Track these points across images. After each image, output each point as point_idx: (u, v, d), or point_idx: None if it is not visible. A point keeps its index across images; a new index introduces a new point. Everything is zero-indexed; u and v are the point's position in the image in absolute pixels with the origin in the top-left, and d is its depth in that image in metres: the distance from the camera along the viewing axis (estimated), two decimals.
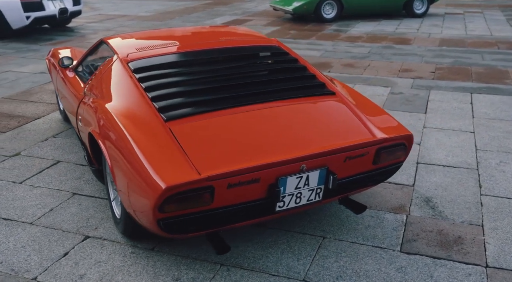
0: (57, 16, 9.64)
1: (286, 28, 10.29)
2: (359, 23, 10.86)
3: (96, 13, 12.95)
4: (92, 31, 10.23)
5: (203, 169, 2.33)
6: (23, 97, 5.75)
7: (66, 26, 10.88)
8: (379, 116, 2.93)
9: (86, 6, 14.34)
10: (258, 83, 3.01)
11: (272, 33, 9.68)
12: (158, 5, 14.50)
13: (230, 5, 14.50)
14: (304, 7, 10.66)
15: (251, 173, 2.37)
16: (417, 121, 4.82)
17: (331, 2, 10.81)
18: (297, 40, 8.91)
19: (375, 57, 7.53)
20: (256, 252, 2.83)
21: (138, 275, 2.64)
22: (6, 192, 3.53)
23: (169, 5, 14.59)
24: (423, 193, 3.46)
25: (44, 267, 2.72)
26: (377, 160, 2.74)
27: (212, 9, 13.58)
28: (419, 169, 3.83)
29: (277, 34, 9.52)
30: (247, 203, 2.47)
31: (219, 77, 3.03)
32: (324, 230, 3.03)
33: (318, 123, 2.73)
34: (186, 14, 12.61)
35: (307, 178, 2.54)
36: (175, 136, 2.52)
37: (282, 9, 11.06)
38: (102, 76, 3.22)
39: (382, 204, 3.32)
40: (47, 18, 9.57)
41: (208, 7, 13.93)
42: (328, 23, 10.89)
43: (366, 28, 10.14)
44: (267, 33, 9.63)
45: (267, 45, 3.47)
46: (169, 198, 2.26)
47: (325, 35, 9.39)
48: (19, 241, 2.96)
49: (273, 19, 11.61)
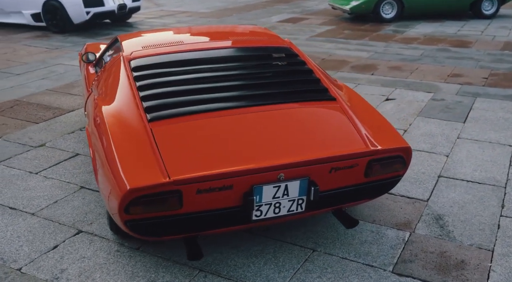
0: (115, 12, 9.96)
1: (340, 27, 10.03)
2: (420, 23, 10.38)
3: (158, 9, 13.27)
4: (149, 26, 10.49)
5: (174, 172, 2.27)
6: (65, 90, 5.97)
7: (126, 21, 11.22)
8: (379, 126, 2.73)
9: (150, 2, 14.74)
10: (256, 85, 2.91)
11: (325, 32, 9.47)
12: (220, 2, 14.63)
13: (291, 3, 14.36)
14: (362, 6, 10.34)
15: (222, 179, 2.29)
16: (452, 131, 4.50)
17: (391, 1, 10.41)
18: (348, 40, 8.65)
19: (426, 60, 7.15)
20: (239, 260, 2.73)
21: (116, 274, 2.64)
22: (20, 181, 3.66)
23: (231, 2, 14.68)
24: (436, 210, 3.21)
25: (31, 259, 2.78)
26: (370, 172, 2.56)
27: (272, 7, 13.51)
28: (439, 182, 3.56)
29: (330, 34, 9.29)
30: (220, 210, 2.39)
31: (217, 78, 2.96)
32: (317, 242, 2.88)
33: (308, 130, 2.59)
34: (245, 11, 12.63)
35: (286, 188, 2.42)
36: (154, 138, 2.48)
37: (340, 8, 10.79)
38: (106, 74, 3.25)
39: (387, 218, 3.11)
40: (106, 13, 9.90)
41: (268, 5, 13.87)
42: (386, 23, 10.50)
43: (425, 29, 9.67)
44: (320, 33, 9.43)
45: (276, 46, 3.35)
46: (135, 200, 2.22)
47: (380, 36, 9.05)
48: (16, 230, 3.05)
49: (331, 18, 11.36)
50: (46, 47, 8.48)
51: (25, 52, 8.13)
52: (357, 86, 5.89)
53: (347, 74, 6.46)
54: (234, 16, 11.86)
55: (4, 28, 10.49)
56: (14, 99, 5.63)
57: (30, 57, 7.73)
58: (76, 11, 9.51)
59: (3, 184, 3.63)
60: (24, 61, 7.48)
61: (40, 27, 10.46)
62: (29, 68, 7.06)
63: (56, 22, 9.76)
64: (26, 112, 5.19)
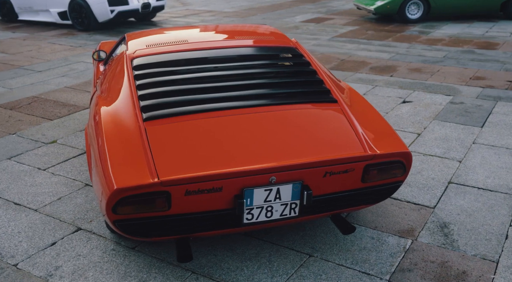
0: (139, 11, 10.06)
1: (364, 28, 9.88)
2: (447, 24, 10.13)
3: (184, 8, 13.34)
4: (172, 25, 10.54)
5: (163, 173, 2.25)
6: (83, 88, 6.04)
7: (151, 20, 11.32)
8: (379, 130, 2.65)
9: (177, 1, 14.84)
10: (257, 85, 2.87)
11: (348, 33, 9.34)
12: (246, 2, 14.62)
13: (317, 3, 14.24)
14: (387, 6, 10.16)
15: (211, 181, 2.25)
16: (468, 135, 4.36)
17: (417, 1, 10.19)
18: (370, 41, 8.51)
19: (449, 62, 6.97)
20: (233, 263, 2.70)
21: (108, 273, 2.63)
22: (27, 177, 3.71)
23: (257, 1, 14.65)
24: (442, 217, 3.10)
25: (28, 255, 2.80)
26: (367, 177, 2.49)
27: (297, 6, 13.42)
28: (448, 189, 3.45)
29: (352, 34, 9.16)
30: (210, 213, 2.35)
31: (218, 77, 2.93)
32: (314, 247, 2.82)
33: (305, 133, 2.53)
34: (270, 11, 12.58)
35: (278, 192, 2.36)
36: (148, 137, 2.46)
37: (364, 8, 10.64)
38: (109, 72, 3.26)
39: (390, 225, 3.03)
40: (131, 12, 10.01)
41: (294, 5, 13.79)
42: (412, 24, 10.29)
43: (452, 30, 9.44)
44: (343, 33, 9.31)
45: (281, 46, 3.30)
46: (122, 200, 2.21)
47: (403, 37, 8.87)
48: (17, 226, 3.08)
49: (355, 18, 11.20)
50: (70, 45, 8.62)
51: (49, 50, 8.27)
52: (374, 88, 5.77)
53: (365, 75, 6.34)
54: (258, 15, 11.83)
55: (33, 26, 10.71)
56: (32, 96, 5.73)
57: (53, 55, 7.86)
58: (101, 9, 9.64)
59: (11, 179, 3.68)
60: (47, 59, 7.61)
61: (66, 25, 10.65)
62: (51, 65, 7.18)
63: (81, 20, 9.92)
64: (43, 109, 5.27)
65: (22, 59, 7.60)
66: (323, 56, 7.42)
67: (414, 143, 4.23)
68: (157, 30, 3.77)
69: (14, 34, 9.85)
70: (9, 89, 6.01)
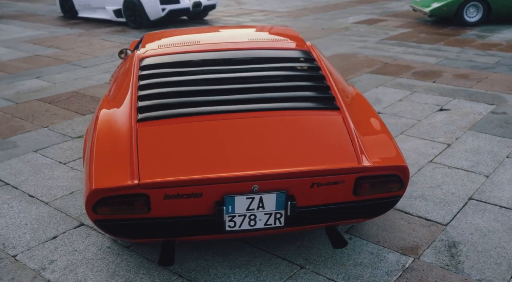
0: (190, 9, 10.20)
1: (417, 30, 9.50)
2: (509, 28, 9.56)
3: (238, 7, 13.41)
4: (222, 24, 10.61)
5: (145, 175, 2.24)
6: None
7: (203, 19, 11.45)
8: (379, 142, 2.51)
9: (233, 0, 14.93)
10: (259, 89, 2.80)
11: (399, 35, 9.02)
12: (302, 2, 14.49)
13: (375, 3, 13.87)
14: (444, 8, 9.72)
15: (190, 186, 2.22)
16: (502, 149, 4.07)
17: (476, 3, 9.68)
18: (420, 45, 8.17)
19: (500, 69, 6.56)
20: (221, 269, 2.65)
21: (98, 271, 2.66)
22: (47, 170, 3.84)
23: (313, 2, 14.48)
24: (453, 236, 2.90)
25: (28, 247, 2.89)
26: (359, 190, 2.37)
27: (352, 7, 13.14)
28: (467, 205, 3.23)
29: (403, 37, 8.84)
30: (190, 218, 2.32)
31: (222, 80, 2.89)
32: (308, 259, 2.72)
33: (297, 140, 2.44)
34: (323, 11, 12.39)
35: (261, 200, 2.29)
36: (137, 138, 2.46)
37: (420, 10, 10.24)
38: (120, 71, 3.30)
39: (394, 240, 2.87)
40: (181, 10, 10.17)
41: (349, 5, 13.51)
42: (469, 27, 9.79)
43: None
44: (393, 35, 9.00)
45: (294, 50, 3.21)
46: (102, 200, 2.22)
47: (457, 41, 8.45)
48: (26, 218, 3.18)
49: (410, 20, 10.81)
50: (119, 42, 8.87)
51: (99, 46, 8.56)
52: (412, 94, 5.53)
53: (406, 80, 6.09)
54: (310, 16, 11.68)
55: (90, 23, 11.13)
56: (72, 91, 5.93)
57: (102, 51, 8.12)
58: (152, 7, 9.86)
59: (32, 171, 3.82)
60: (95, 55, 7.87)
61: (121, 23, 10.97)
62: (97, 61, 7.42)
63: (134, 18, 10.19)
64: (79, 103, 5.45)
65: (72, 55, 7.90)
66: (366, 59, 7.20)
67: (442, 154, 4.00)
68: (177, 30, 3.79)
69: (71, 30, 10.27)
70: (52, 84, 6.26)
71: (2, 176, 3.77)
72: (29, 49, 8.44)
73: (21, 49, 8.50)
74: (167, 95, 2.75)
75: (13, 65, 7.34)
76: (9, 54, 8.09)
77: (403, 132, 4.45)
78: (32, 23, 11.30)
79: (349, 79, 6.21)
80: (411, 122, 4.70)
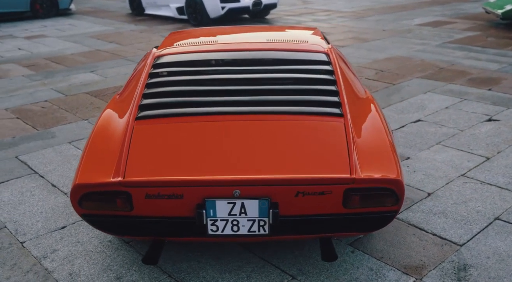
0: (250, 8, 10.22)
1: (485, 34, 8.94)
2: None
3: (303, 7, 13.28)
4: (282, 23, 10.55)
5: (130, 173, 2.25)
6: None
7: (265, 17, 11.44)
8: (378, 153, 2.36)
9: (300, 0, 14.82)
10: (264, 91, 2.74)
11: (464, 39, 8.53)
12: (369, 2, 14.11)
13: (448, 4, 13.23)
14: None
15: (170, 187, 2.19)
16: None
17: None
18: (484, 49, 7.68)
19: None
20: (212, 273, 2.61)
21: (93, 264, 2.71)
22: (75, 162, 3.98)
23: (381, 2, 14.06)
24: (466, 258, 2.69)
25: (37, 235, 3.00)
26: (349, 203, 2.24)
27: (422, 8, 12.61)
28: (491, 226, 2.98)
29: (467, 41, 8.35)
30: (172, 219, 2.30)
31: (229, 81, 2.85)
32: (302, 269, 2.62)
33: (289, 147, 2.35)
34: (389, 12, 11.99)
35: (243, 206, 2.23)
36: (132, 136, 2.47)
37: (492, 12, 9.63)
38: (136, 68, 3.34)
39: (399, 257, 2.70)
40: (241, 9, 10.22)
41: (419, 6, 12.98)
42: None
43: None
44: (457, 39, 8.53)
45: (311, 52, 3.10)
46: (86, 195, 2.25)
47: None
48: (43, 206, 3.31)
49: (480, 23, 10.20)
50: None
51: (158, 43, 8.78)
52: (461, 102, 5.20)
53: (458, 87, 5.74)
54: (374, 16, 11.34)
55: (155, 20, 11.47)
56: (120, 85, 6.12)
57: None
58: (212, 5, 9.98)
59: (61, 162, 3.97)
60: None
61: (183, 20, 11.21)
62: None
63: (195, 16, 10.37)
64: None
65: (129, 51, 8.17)
66: (421, 63, 6.87)
67: (477, 167, 3.72)
68: (201, 29, 3.79)
69: (135, 26, 10.63)
70: (103, 78, 6.50)
71: (33, 164, 3.95)
72: (92, 44, 8.82)
73: (84, 43, 8.90)
74: (171, 94, 2.75)
75: (74, 59, 7.70)
76: (73, 48, 8.50)
77: (440, 143, 4.19)
78: (102, 19, 11.82)
79: (398, 83, 5.95)
80: (452, 132, 4.42)
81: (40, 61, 7.58)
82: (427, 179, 3.57)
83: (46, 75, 6.73)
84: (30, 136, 4.54)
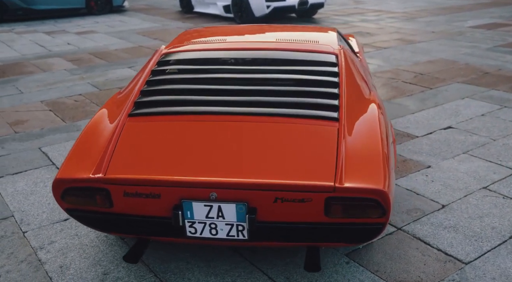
0: (296, 7, 10.11)
1: None
2: None
3: (353, 7, 13.00)
4: (328, 23, 10.37)
5: (112, 170, 2.24)
6: None
7: (312, 17, 11.29)
8: (368, 162, 2.22)
9: None
10: (261, 92, 2.67)
11: (507, 44, 8.06)
12: (424, 2, 13.62)
13: (507, 6, 12.55)
14: None
15: (147, 186, 2.17)
16: None
17: None
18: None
19: None
20: (198, 275, 2.57)
21: (85, 257, 2.73)
22: None
23: (436, 3, 13.53)
24: (469, 278, 2.50)
25: (39, 225, 3.06)
26: (331, 212, 2.13)
27: (478, 10, 12.03)
28: (505, 244, 2.76)
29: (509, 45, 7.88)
30: (151, 218, 2.27)
31: (228, 80, 2.80)
32: (289, 278, 2.52)
33: (274, 150, 2.26)
34: (444, 13, 11.51)
35: (220, 209, 2.17)
36: (121, 133, 2.47)
37: None
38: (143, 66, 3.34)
39: (396, 272, 2.55)
40: (287, 8, 10.12)
41: (475, 8, 12.39)
42: None
43: None
44: (503, 44, 8.05)
45: (318, 52, 2.99)
46: (68, 190, 2.26)
47: None
48: (51, 198, 3.38)
49: None
50: None
51: None
52: (500, 110, 4.88)
53: (500, 93, 5.40)
54: (426, 17, 10.93)
55: (202, 18, 11.58)
56: None
57: None
58: (258, 4, 9.95)
59: None
60: None
61: (229, 18, 11.25)
62: None
63: (241, 14, 10.38)
64: None
65: None
66: (465, 67, 6.53)
67: (502, 180, 3.47)
68: (214, 27, 3.75)
69: (183, 24, 10.77)
70: None
71: (53, 156, 4.06)
72: (137, 40, 9.01)
73: (130, 40, 9.11)
74: (168, 92, 2.73)
75: (116, 54, 7.89)
76: (118, 44, 8.72)
77: (468, 152, 3.95)
78: (152, 16, 12.07)
79: (436, 88, 5.68)
80: (482, 141, 4.15)
81: (84, 56, 7.82)
82: (444, 190, 3.36)
83: (86, 70, 6.92)
84: (57, 129, 4.67)
